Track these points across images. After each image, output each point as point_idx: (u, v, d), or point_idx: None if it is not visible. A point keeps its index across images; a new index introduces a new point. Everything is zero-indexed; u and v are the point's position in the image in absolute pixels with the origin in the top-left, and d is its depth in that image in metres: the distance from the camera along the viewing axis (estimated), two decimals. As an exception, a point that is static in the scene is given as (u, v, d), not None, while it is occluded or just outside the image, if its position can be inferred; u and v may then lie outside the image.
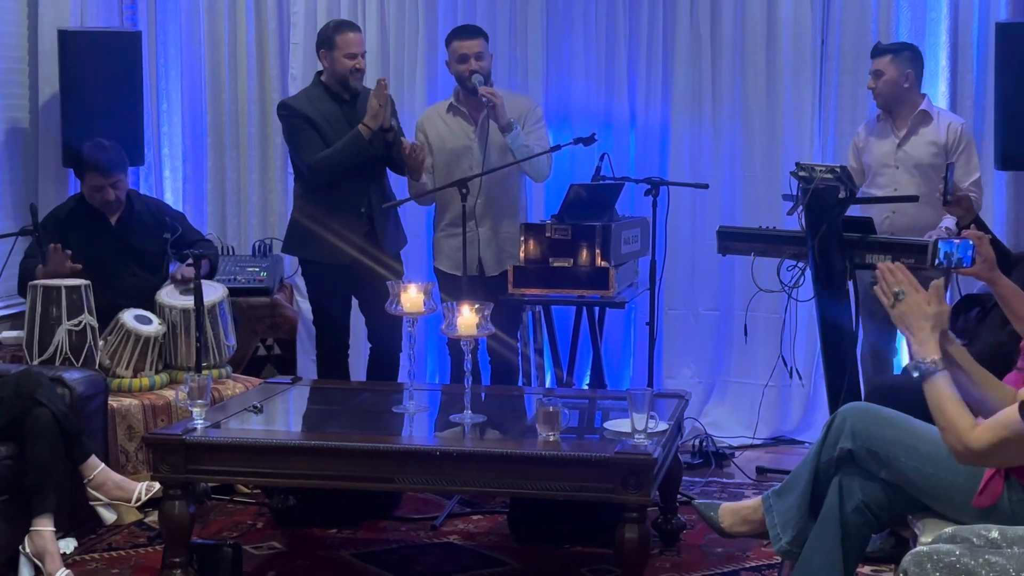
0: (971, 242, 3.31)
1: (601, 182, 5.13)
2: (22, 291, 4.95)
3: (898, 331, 5.12)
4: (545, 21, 6.01)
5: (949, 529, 2.66)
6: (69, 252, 4.77)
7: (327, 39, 5.15)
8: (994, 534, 2.57)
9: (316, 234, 5.12)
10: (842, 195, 4.59)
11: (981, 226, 4.15)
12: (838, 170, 4.56)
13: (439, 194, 5.21)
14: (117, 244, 5.09)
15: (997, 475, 2.89)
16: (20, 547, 3.96)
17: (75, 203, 5.21)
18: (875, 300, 4.86)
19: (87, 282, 4.69)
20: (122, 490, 4.20)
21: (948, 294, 5.35)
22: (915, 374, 2.74)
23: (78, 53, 5.70)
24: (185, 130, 6.38)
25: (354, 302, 5.37)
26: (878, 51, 5.12)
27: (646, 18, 5.93)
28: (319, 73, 5.24)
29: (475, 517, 4.59)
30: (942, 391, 2.69)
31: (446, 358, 5.67)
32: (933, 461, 2.99)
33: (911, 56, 5.13)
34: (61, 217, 5.13)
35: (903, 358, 5.28)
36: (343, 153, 5.03)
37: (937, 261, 3.35)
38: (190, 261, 4.97)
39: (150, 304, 4.98)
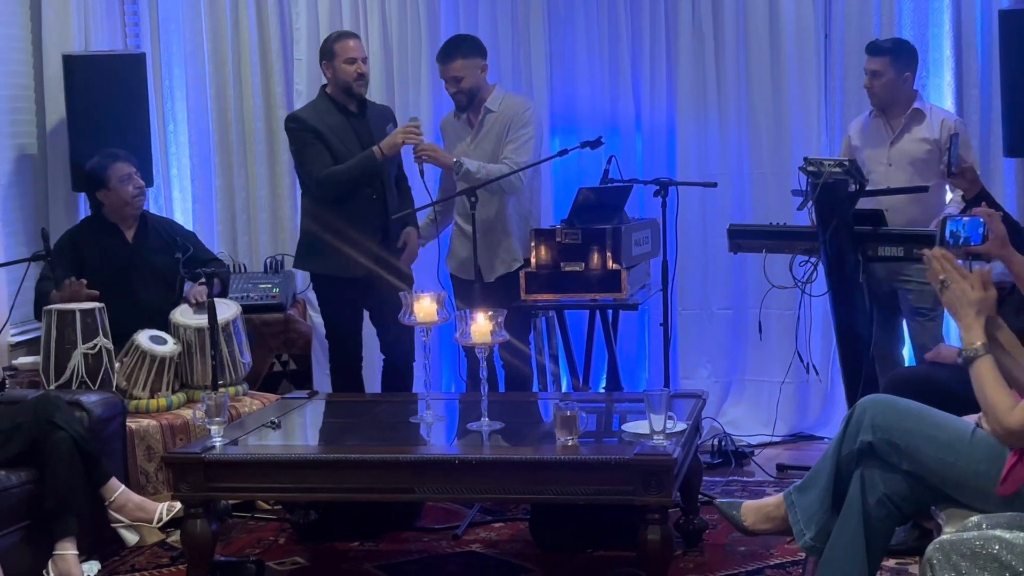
0: (981, 219, 3.26)
1: (609, 185, 5.14)
2: (39, 314, 4.97)
3: (902, 334, 5.17)
4: (547, 26, 6.01)
5: (974, 518, 2.65)
6: (84, 281, 4.79)
7: (327, 50, 5.19)
8: (1018, 521, 2.56)
9: (328, 247, 5.13)
10: (852, 188, 4.58)
11: (992, 204, 4.10)
12: (847, 164, 4.55)
13: (448, 192, 5.34)
14: (133, 260, 5.11)
15: (1020, 462, 2.88)
16: (44, 571, 3.97)
17: (90, 222, 5.24)
18: (879, 303, 4.90)
19: (101, 305, 4.70)
20: (143, 511, 4.22)
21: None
22: (959, 360, 2.78)
23: (83, 77, 5.73)
24: (192, 150, 6.39)
25: (365, 313, 5.38)
26: (875, 50, 5.05)
27: (648, 19, 5.93)
28: (324, 86, 5.26)
29: (496, 525, 4.58)
30: (985, 375, 2.73)
31: (461, 366, 5.68)
32: (954, 450, 2.98)
33: (908, 56, 5.10)
34: (77, 235, 5.17)
35: (908, 352, 5.27)
36: (354, 172, 5.06)
37: (944, 239, 3.31)
38: (202, 281, 4.99)
39: (165, 320, 4.99)
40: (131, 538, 4.23)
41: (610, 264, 4.77)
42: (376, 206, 5.14)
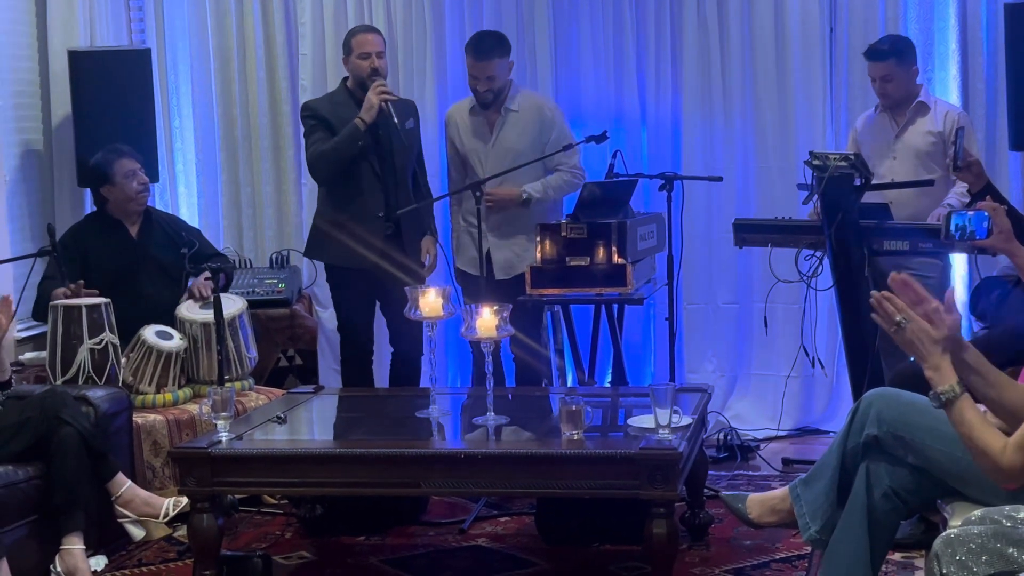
0: (986, 213, 3.26)
1: (615, 179, 5.13)
2: (38, 315, 4.97)
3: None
4: (552, 20, 6.01)
5: (978, 511, 2.65)
6: (83, 282, 4.79)
7: (346, 44, 5.23)
8: (1023, 514, 2.56)
9: (336, 238, 5.14)
10: (857, 182, 4.58)
11: (997, 197, 4.10)
12: (852, 157, 4.55)
13: (456, 184, 5.35)
14: (138, 255, 5.12)
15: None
16: (51, 566, 3.98)
17: (95, 218, 5.25)
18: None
19: (107, 300, 4.71)
20: (150, 506, 4.22)
21: (967, 274, 5.39)
22: (935, 404, 2.66)
23: (89, 73, 5.74)
24: (198, 145, 6.40)
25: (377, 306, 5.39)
26: (879, 55, 5.04)
27: (653, 13, 5.93)
28: (346, 79, 5.26)
29: (502, 519, 4.58)
30: (967, 417, 2.61)
31: (467, 361, 5.68)
32: (959, 443, 2.96)
33: (910, 51, 5.12)
34: (81, 231, 5.17)
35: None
36: (339, 145, 5.07)
37: (949, 233, 3.30)
38: (207, 276, 4.99)
39: (171, 316, 5.00)
40: (138, 533, 4.24)
41: (615, 258, 4.77)
42: (383, 198, 5.14)
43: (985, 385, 2.73)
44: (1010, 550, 2.38)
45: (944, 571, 2.41)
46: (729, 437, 5.44)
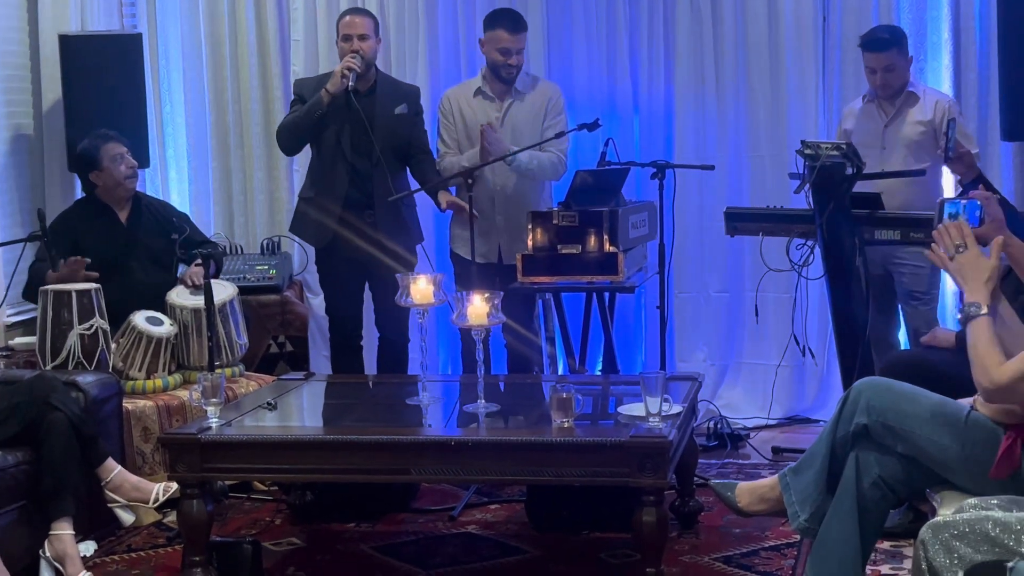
0: (978, 202, 3.28)
1: (607, 167, 5.13)
2: (29, 295, 4.96)
3: (898, 318, 5.18)
4: (545, 7, 6.00)
5: (971, 500, 2.65)
6: (88, 260, 4.78)
7: (336, 27, 5.21)
8: (1012, 505, 2.56)
9: (306, 214, 5.24)
10: (849, 171, 4.58)
11: (989, 188, 4.11)
12: (844, 147, 4.55)
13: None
14: (128, 241, 5.11)
15: (1014, 445, 2.88)
16: (40, 551, 3.97)
17: (84, 204, 5.23)
18: (874, 287, 4.91)
19: (97, 285, 4.70)
20: (140, 491, 4.22)
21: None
22: (959, 316, 2.86)
23: (80, 57, 5.71)
24: (189, 131, 6.38)
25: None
26: (881, 45, 5.03)
27: (646, 1, 5.92)
28: None
29: (493, 506, 4.59)
30: (981, 331, 2.81)
31: (457, 348, 5.68)
32: (948, 433, 2.98)
33: (906, 39, 5.12)
34: (71, 217, 5.15)
35: (903, 341, 5.28)
36: (298, 116, 5.15)
37: (942, 221, 3.31)
38: (199, 262, 4.98)
39: (161, 301, 4.99)
40: (127, 518, 4.23)
41: (607, 247, 4.77)
42: (348, 179, 5.15)
43: (1010, 337, 2.88)
44: (996, 533, 2.38)
45: (930, 556, 2.41)
46: (719, 426, 5.45)
